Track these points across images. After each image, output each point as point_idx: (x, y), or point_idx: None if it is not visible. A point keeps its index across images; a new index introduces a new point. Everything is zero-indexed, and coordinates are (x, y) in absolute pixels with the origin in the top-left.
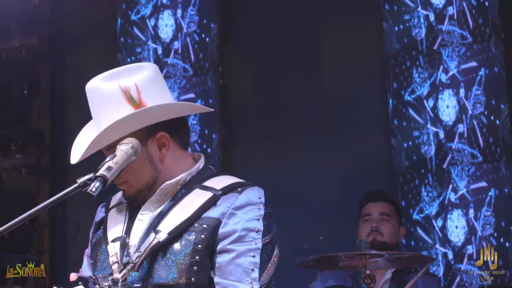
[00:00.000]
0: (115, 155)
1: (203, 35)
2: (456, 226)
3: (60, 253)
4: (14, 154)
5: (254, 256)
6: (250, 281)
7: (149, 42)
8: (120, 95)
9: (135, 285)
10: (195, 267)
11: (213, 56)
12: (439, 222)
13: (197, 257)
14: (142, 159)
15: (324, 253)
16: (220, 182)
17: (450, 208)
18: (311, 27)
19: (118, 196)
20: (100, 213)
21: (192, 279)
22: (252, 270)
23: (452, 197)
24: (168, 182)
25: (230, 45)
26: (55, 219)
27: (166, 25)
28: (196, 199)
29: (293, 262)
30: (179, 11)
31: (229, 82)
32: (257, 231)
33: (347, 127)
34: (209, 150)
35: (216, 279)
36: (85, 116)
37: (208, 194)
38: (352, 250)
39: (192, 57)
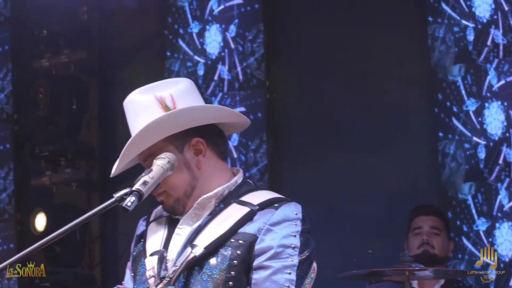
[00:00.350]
0: (151, 170)
1: (249, 50)
2: (505, 239)
3: (111, 266)
4: (64, 169)
5: (290, 273)
6: None
7: (196, 57)
8: (156, 104)
9: None
10: (230, 283)
11: (260, 71)
12: (489, 235)
13: (232, 273)
14: (179, 166)
15: (373, 267)
16: (257, 197)
17: (498, 221)
18: (358, 40)
19: (158, 209)
20: (141, 226)
21: None
22: (288, 287)
23: (501, 210)
24: (204, 196)
25: (277, 59)
26: (105, 233)
27: (214, 40)
28: (233, 214)
29: (341, 275)
30: (225, 26)
31: (276, 96)
32: (294, 248)
33: (395, 140)
34: (256, 163)
35: None
36: None
37: (245, 209)
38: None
39: (239, 72)
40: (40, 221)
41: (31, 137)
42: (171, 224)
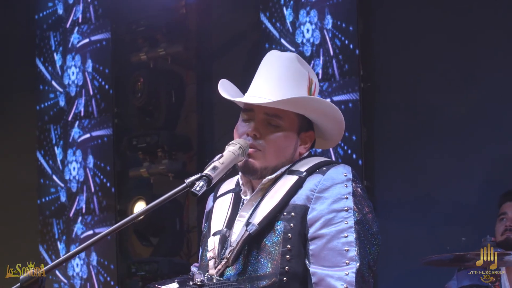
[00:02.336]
0: (222, 155)
1: (343, 38)
2: None
3: None
4: (161, 160)
5: (346, 236)
6: (346, 262)
7: (292, 48)
8: (306, 82)
9: (231, 279)
10: (287, 256)
11: (354, 60)
12: None
13: (288, 246)
14: (291, 142)
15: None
16: (306, 164)
17: None
18: (453, 27)
19: (225, 185)
20: (209, 203)
21: (286, 267)
22: (347, 250)
23: None
24: (269, 177)
25: (371, 48)
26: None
27: (308, 31)
28: (283, 185)
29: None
30: (319, 15)
31: (371, 85)
32: (347, 210)
33: (488, 129)
34: (349, 151)
35: (311, 269)
36: (232, 121)
37: (294, 178)
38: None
39: (334, 60)
40: (138, 207)
41: (129, 130)
42: (236, 202)
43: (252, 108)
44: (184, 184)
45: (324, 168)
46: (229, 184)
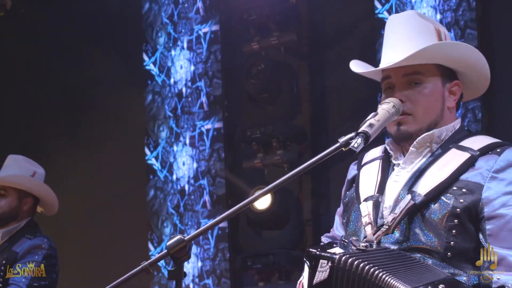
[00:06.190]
0: (377, 113)
1: (461, 23)
2: None
3: None
4: (276, 151)
5: None
6: None
7: None
8: (433, 32)
9: (391, 247)
10: (453, 231)
11: (472, 44)
12: None
13: (455, 221)
14: (437, 96)
15: None
16: (477, 142)
17: None
18: None
19: (370, 153)
20: (352, 171)
21: (452, 243)
22: None
23: None
24: (423, 135)
25: (490, 32)
26: (318, 216)
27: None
28: (453, 159)
29: None
30: (435, 6)
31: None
32: None
33: None
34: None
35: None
36: (346, 113)
37: (465, 155)
38: None
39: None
40: (264, 199)
41: (240, 122)
42: (385, 168)
43: (389, 75)
44: (338, 144)
45: (498, 150)
46: (374, 152)
